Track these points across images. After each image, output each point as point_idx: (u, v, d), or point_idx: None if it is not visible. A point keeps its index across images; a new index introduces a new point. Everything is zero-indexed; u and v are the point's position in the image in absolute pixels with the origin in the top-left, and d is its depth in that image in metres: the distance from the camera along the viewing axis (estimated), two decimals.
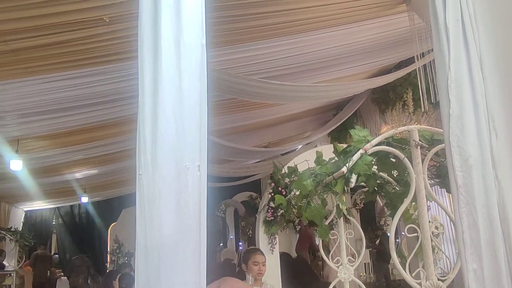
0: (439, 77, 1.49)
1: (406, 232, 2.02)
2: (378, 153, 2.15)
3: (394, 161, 2.25)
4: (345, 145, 2.28)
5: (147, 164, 1.40)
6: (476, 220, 1.37)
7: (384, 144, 2.10)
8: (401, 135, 2.19)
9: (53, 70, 4.12)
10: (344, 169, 2.04)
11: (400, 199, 2.39)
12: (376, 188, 2.77)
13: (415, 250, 2.07)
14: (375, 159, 2.21)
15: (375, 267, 10.00)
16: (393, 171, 2.43)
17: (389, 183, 2.64)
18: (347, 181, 2.10)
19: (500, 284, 1.34)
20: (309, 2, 4.09)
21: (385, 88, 7.54)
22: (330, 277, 7.08)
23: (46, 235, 13.21)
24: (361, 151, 2.04)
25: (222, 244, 12.69)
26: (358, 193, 9.73)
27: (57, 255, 13.44)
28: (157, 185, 1.38)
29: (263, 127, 8.65)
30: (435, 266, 1.99)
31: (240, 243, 12.42)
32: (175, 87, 1.46)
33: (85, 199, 10.97)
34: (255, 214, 6.13)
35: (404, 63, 6.74)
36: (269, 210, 4.92)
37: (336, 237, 3.17)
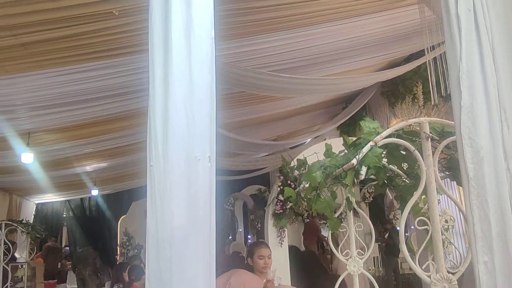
0: (450, 68, 1.48)
1: (416, 224, 2.00)
2: (388, 145, 2.13)
3: (404, 153, 2.23)
4: (354, 138, 2.26)
5: (158, 155, 1.41)
6: (487, 212, 1.37)
7: (394, 137, 2.09)
8: (411, 128, 2.17)
9: (63, 64, 4.15)
10: (354, 161, 2.02)
11: (410, 192, 2.37)
12: (386, 181, 2.76)
13: (425, 243, 2.06)
14: (385, 152, 2.20)
15: (384, 261, 9.96)
16: (403, 164, 2.42)
17: (399, 176, 2.63)
18: (357, 173, 2.09)
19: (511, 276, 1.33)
20: None
21: (394, 81, 7.49)
22: (339, 270, 7.07)
23: (57, 227, 13.39)
24: (371, 143, 2.02)
25: (231, 237, 12.71)
26: (367, 186, 9.68)
27: (67, 248, 13.59)
28: (168, 176, 1.39)
29: (272, 120, 8.64)
30: (445, 260, 1.97)
31: (249, 236, 12.44)
32: (186, 79, 1.46)
33: (95, 192, 11.05)
34: (263, 207, 6.13)
35: (414, 56, 6.68)
36: (278, 203, 4.92)
37: (345, 230, 3.17)
